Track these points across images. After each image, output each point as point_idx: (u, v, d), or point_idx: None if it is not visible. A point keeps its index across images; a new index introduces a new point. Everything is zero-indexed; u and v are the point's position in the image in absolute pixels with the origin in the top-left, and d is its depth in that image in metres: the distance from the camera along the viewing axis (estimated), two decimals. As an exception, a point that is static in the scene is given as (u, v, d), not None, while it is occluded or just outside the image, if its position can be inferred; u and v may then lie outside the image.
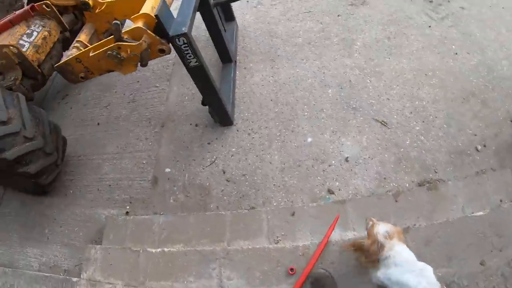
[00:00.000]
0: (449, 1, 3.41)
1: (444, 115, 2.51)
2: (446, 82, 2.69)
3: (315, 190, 2.29)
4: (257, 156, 2.53)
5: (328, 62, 2.98)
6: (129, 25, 2.29)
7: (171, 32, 1.99)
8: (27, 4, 3.31)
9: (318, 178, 2.35)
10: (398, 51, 2.99)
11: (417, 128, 2.46)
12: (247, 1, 3.74)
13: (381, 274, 1.44)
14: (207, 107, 2.63)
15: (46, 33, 2.86)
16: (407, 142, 2.40)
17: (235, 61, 3.15)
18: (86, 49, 2.36)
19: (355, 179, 2.30)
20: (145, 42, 1.98)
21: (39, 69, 2.78)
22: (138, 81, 3.48)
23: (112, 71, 2.31)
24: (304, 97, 2.77)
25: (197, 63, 2.12)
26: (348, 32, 3.22)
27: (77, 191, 2.89)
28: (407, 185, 2.22)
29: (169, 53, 2.11)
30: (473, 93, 2.58)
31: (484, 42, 2.91)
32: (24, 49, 2.66)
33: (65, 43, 3.23)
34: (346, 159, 2.38)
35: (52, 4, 2.84)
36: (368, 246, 1.48)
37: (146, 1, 2.29)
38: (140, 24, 2.03)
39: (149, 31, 2.00)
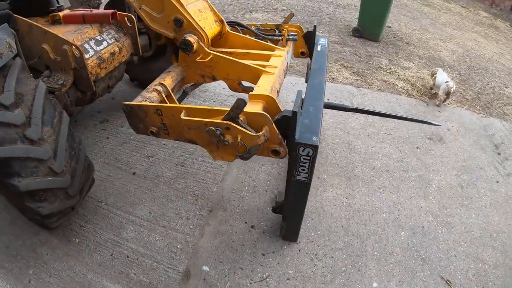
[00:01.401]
0: (514, 158, 3.55)
1: (501, 283, 2.43)
2: (507, 247, 2.67)
3: None
4: (316, 289, 2.38)
5: (404, 200, 2.92)
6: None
7: (298, 137, 1.72)
8: (105, 7, 3.05)
9: (375, 337, 2.20)
10: (469, 204, 2.99)
11: (476, 294, 2.38)
12: (328, 99, 3.83)
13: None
14: (270, 210, 2.46)
15: (116, 48, 2.58)
16: (466, 310, 2.31)
17: (311, 167, 3.10)
18: (176, 105, 2.01)
19: None
20: (264, 136, 1.68)
21: (94, 85, 2.46)
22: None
23: (196, 144, 1.96)
24: (376, 233, 2.66)
25: (305, 179, 1.88)
26: (426, 169, 3.23)
27: (84, 244, 2.49)
28: None
29: (283, 158, 1.88)
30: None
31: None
32: (86, 56, 2.32)
33: (128, 66, 2.96)
34: (408, 321, 2.26)
35: (148, 27, 2.52)
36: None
37: (263, 76, 2.05)
38: (259, 108, 1.77)
39: (274, 126, 1.71)
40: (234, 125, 1.66)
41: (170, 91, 2.23)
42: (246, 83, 2.51)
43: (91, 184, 2.49)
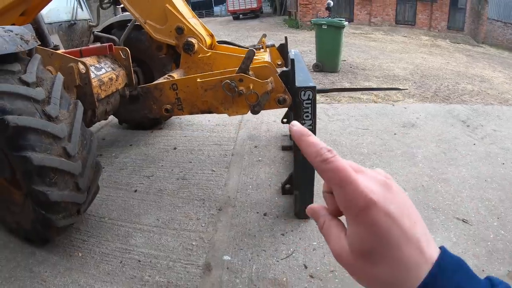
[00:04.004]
0: (482, 126, 4.25)
1: (512, 213, 2.74)
2: (504, 186, 3.08)
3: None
4: (343, 253, 2.55)
5: (397, 169, 3.26)
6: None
7: (298, 83, 2.08)
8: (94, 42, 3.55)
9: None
10: (456, 163, 3.44)
11: (495, 224, 2.66)
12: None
13: None
14: (278, 198, 2.72)
15: (114, 75, 2.86)
16: (491, 236, 2.53)
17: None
18: (189, 76, 2.27)
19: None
20: (271, 83, 2.03)
21: (96, 103, 2.60)
22: (190, 162, 3.52)
23: (210, 112, 2.23)
24: (383, 198, 3.05)
25: (311, 127, 2.20)
26: (408, 147, 3.68)
27: (88, 256, 2.37)
28: (505, 275, 2.25)
29: (288, 106, 2.22)
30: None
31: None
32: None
33: (120, 100, 3.15)
34: (442, 253, 2.52)
35: (153, 38, 2.88)
36: None
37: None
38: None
39: (276, 75, 2.08)
40: (246, 75, 2.02)
41: None
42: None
43: (96, 191, 2.47)
